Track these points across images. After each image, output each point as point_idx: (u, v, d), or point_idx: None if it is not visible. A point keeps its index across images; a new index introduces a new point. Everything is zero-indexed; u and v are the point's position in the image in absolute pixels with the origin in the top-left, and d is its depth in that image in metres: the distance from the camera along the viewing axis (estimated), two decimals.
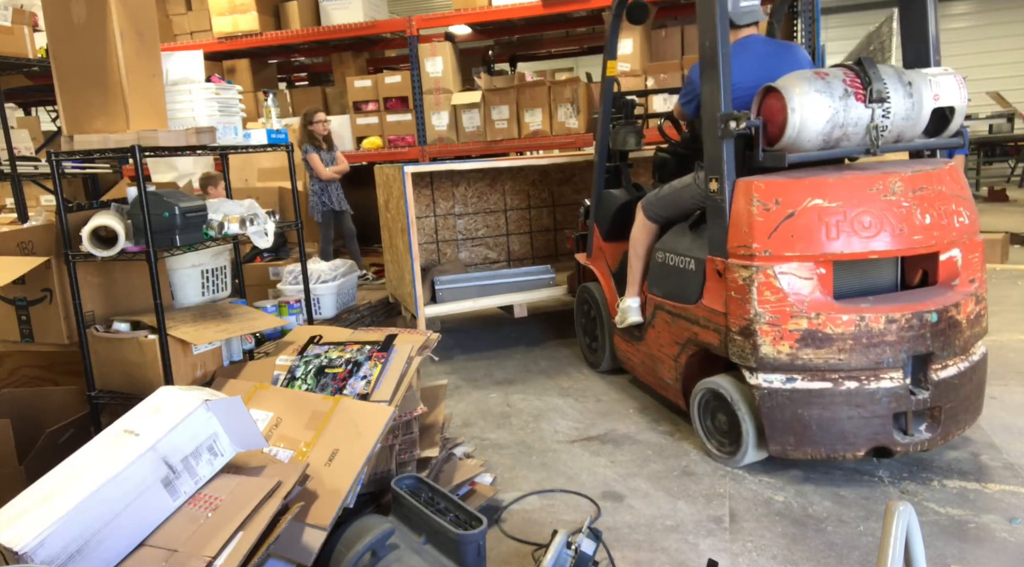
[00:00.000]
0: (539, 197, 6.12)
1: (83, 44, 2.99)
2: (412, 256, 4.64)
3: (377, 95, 7.20)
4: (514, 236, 6.12)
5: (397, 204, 4.81)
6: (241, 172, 6.93)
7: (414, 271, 4.68)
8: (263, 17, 7.35)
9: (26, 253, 3.16)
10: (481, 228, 6.03)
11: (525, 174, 5.99)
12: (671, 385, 3.57)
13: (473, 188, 5.93)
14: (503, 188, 6.01)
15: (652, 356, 3.71)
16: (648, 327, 3.73)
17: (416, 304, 4.67)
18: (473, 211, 5.98)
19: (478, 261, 6.00)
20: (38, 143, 7.52)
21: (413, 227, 4.62)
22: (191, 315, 3.19)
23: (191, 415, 2.19)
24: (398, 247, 5.03)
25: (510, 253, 6.13)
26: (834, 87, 2.89)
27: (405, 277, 4.86)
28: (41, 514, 1.93)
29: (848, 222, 2.83)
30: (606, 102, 4.26)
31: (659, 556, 2.59)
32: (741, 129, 2.95)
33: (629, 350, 4.00)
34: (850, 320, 2.81)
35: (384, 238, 5.64)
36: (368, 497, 2.71)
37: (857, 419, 2.84)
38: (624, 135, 4.27)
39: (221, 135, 3.32)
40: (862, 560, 2.50)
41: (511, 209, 6.06)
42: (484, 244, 6.04)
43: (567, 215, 6.20)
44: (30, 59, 4.51)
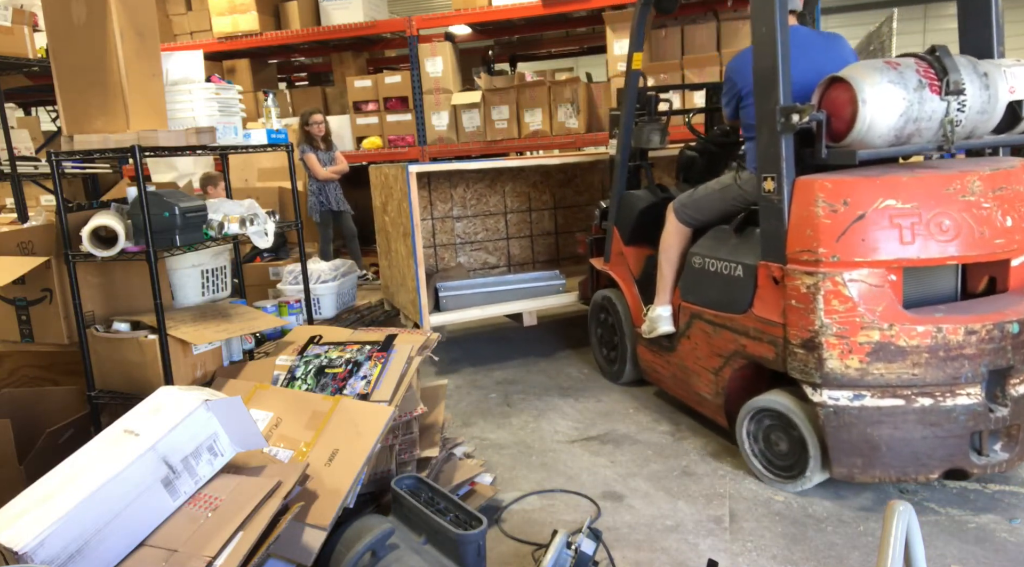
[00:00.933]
0: (540, 199, 5.91)
1: (83, 44, 2.99)
2: (416, 262, 4.43)
3: (377, 95, 7.20)
4: (514, 240, 5.88)
5: (399, 206, 4.60)
6: (241, 172, 6.94)
7: (419, 278, 4.45)
8: (263, 17, 7.35)
9: (26, 253, 3.16)
10: (480, 231, 5.79)
11: (526, 175, 5.80)
12: (710, 400, 3.35)
13: (472, 189, 5.70)
14: (503, 189, 5.79)
15: (686, 369, 3.48)
16: (682, 338, 3.50)
17: (420, 313, 4.44)
18: (472, 213, 5.73)
19: (477, 266, 5.76)
20: (38, 143, 7.52)
21: (418, 230, 4.41)
22: (191, 315, 3.19)
23: (191, 415, 2.19)
24: (399, 252, 4.81)
25: (510, 257, 5.89)
26: (908, 78, 2.67)
27: (407, 283, 4.66)
28: (41, 514, 1.93)
29: (924, 225, 2.62)
30: (630, 97, 3.98)
31: (659, 556, 2.59)
32: (804, 123, 2.71)
33: (657, 362, 3.77)
34: (926, 332, 2.60)
35: (380, 242, 5.43)
36: (368, 497, 2.71)
37: (932, 439, 2.63)
38: (648, 133, 4.00)
39: (221, 135, 3.32)
40: (862, 560, 2.50)
41: (511, 212, 5.84)
42: (483, 248, 5.80)
43: (568, 218, 6.01)
44: (30, 59, 4.51)
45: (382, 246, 5.37)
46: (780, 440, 2.98)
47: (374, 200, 5.38)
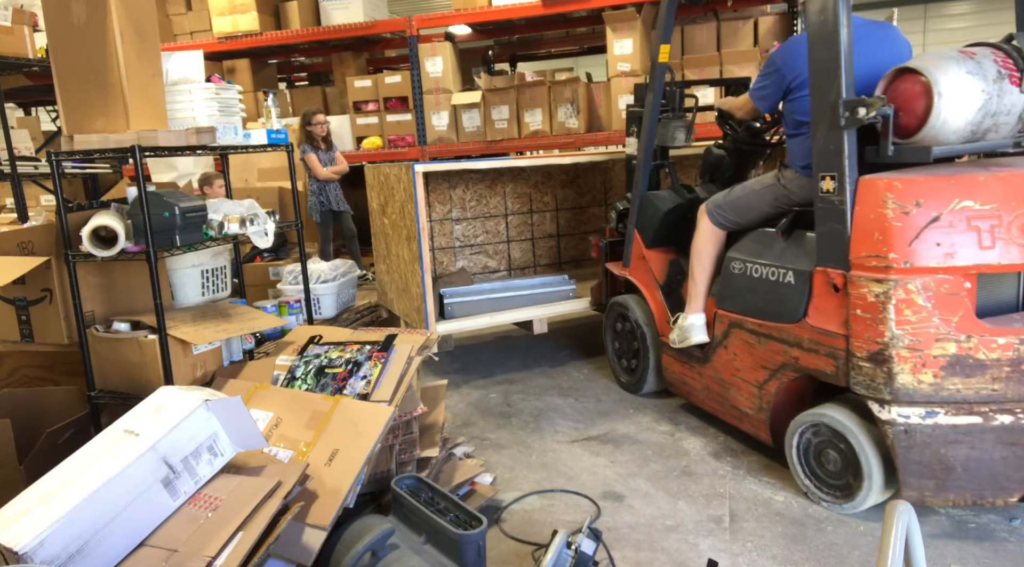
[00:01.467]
0: (541, 201, 5.71)
1: (83, 44, 2.99)
2: (423, 267, 4.18)
3: (377, 95, 7.20)
4: (515, 243, 5.67)
5: (401, 208, 4.39)
6: (241, 172, 6.93)
7: (425, 284, 4.20)
8: (263, 17, 7.35)
9: (26, 253, 3.16)
10: (480, 234, 5.57)
11: (527, 176, 5.60)
12: (751, 415, 3.15)
13: (472, 190, 5.48)
14: (503, 191, 5.57)
15: (722, 381, 3.30)
16: (718, 348, 3.30)
17: (427, 321, 4.24)
18: (472, 216, 5.50)
19: (477, 270, 5.55)
20: (38, 143, 7.52)
21: (424, 234, 4.14)
22: (191, 315, 3.19)
23: (191, 415, 2.19)
24: (400, 256, 4.59)
25: (511, 261, 5.67)
26: (986, 69, 2.50)
27: (411, 290, 4.43)
28: (41, 514, 1.93)
29: (1006, 228, 2.44)
30: (656, 92, 3.77)
31: (659, 556, 2.59)
32: (870, 118, 2.52)
33: (686, 374, 3.58)
34: (1008, 344, 2.42)
35: (377, 246, 5.19)
36: (368, 497, 2.71)
37: (1012, 459, 2.46)
38: (673, 130, 3.81)
39: (221, 135, 3.32)
40: (862, 560, 2.50)
41: (512, 213, 5.62)
42: (483, 252, 5.58)
43: (571, 220, 5.85)
44: (30, 59, 4.50)
45: (379, 250, 5.19)
46: (833, 458, 2.80)
47: (371, 202, 5.21)
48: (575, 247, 5.79)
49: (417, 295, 4.27)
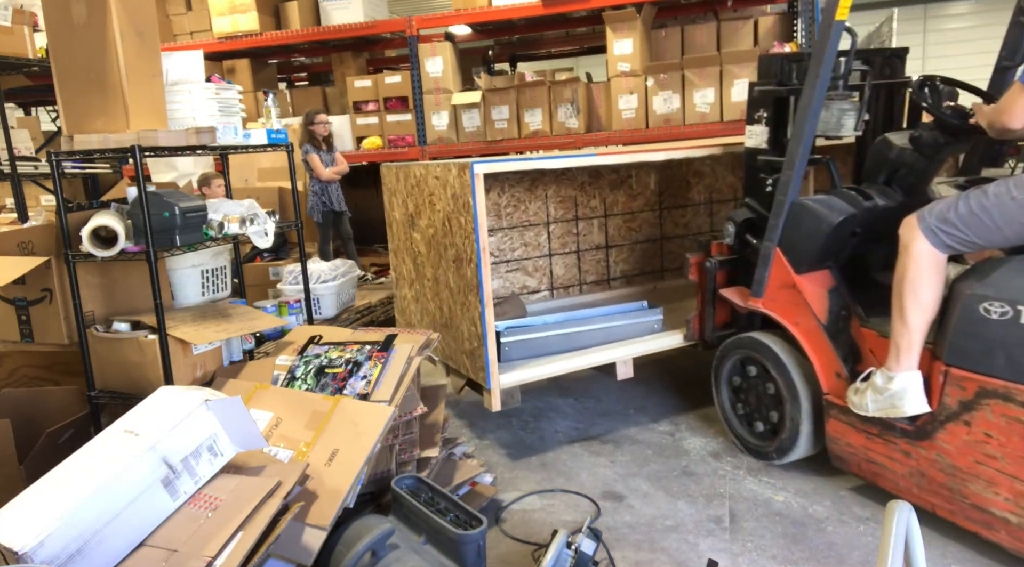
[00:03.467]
0: (588, 205, 4.78)
1: (83, 44, 2.99)
2: (483, 300, 3.19)
3: (377, 95, 7.20)
4: (558, 257, 4.73)
5: (447, 221, 3.46)
6: (241, 172, 6.94)
7: (485, 323, 3.22)
8: (263, 17, 7.36)
9: (26, 253, 3.16)
10: (518, 247, 4.60)
11: (572, 176, 4.70)
12: (1017, 525, 2.37)
13: (509, 194, 4.52)
14: (545, 193, 4.62)
15: (956, 470, 2.50)
16: (950, 423, 2.50)
17: (488, 371, 3.28)
18: (508, 225, 4.54)
19: (515, 291, 4.67)
20: (38, 143, 7.52)
21: (485, 254, 3.20)
22: (191, 315, 3.19)
23: (191, 415, 2.19)
24: (442, 282, 3.64)
25: (553, 279, 4.74)
26: None
27: (461, 329, 3.50)
28: (41, 514, 1.93)
29: None
30: (827, 61, 2.86)
31: (659, 556, 2.59)
32: None
33: (877, 450, 2.76)
34: None
35: (399, 265, 4.26)
36: (368, 497, 2.72)
37: None
38: (839, 115, 2.98)
39: (221, 135, 3.32)
40: (862, 560, 2.50)
41: (555, 221, 4.69)
42: (522, 268, 4.62)
43: (620, 228, 4.94)
44: (30, 59, 4.51)
45: (402, 271, 4.23)
46: None
47: (389, 209, 4.26)
48: (625, 260, 4.98)
49: (472, 335, 3.38)
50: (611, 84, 6.48)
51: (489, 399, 3.32)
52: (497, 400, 3.31)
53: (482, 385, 3.37)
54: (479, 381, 3.39)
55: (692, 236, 5.12)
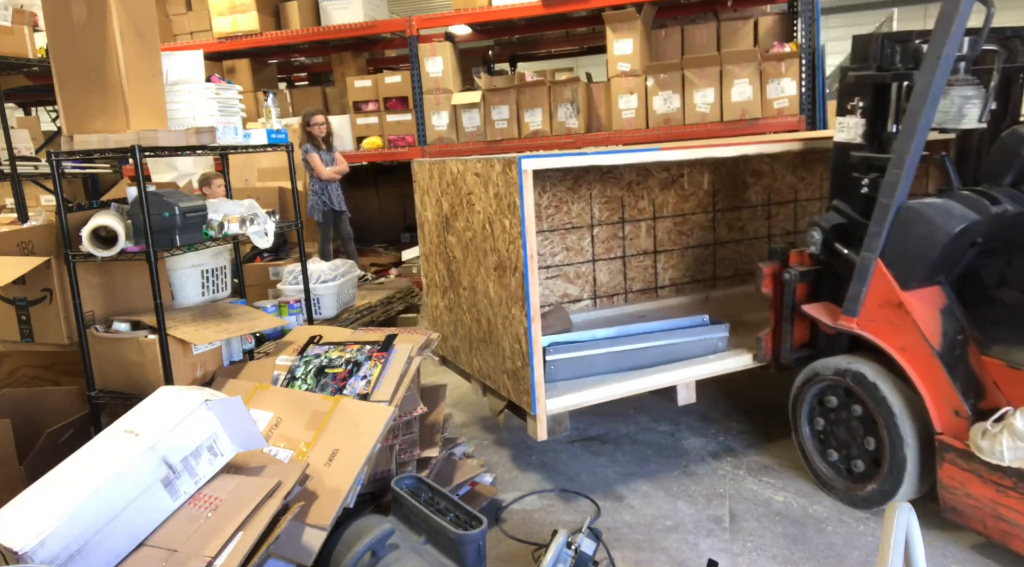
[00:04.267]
0: (636, 207, 4.39)
1: (83, 44, 2.99)
2: (530, 314, 2.85)
3: (377, 95, 7.21)
4: (602, 263, 4.36)
5: (488, 222, 3.11)
6: (241, 172, 6.94)
7: (532, 340, 2.87)
8: (263, 17, 7.36)
9: (26, 253, 3.16)
10: (559, 251, 4.23)
11: (618, 174, 4.31)
12: None
13: (550, 194, 4.14)
14: (589, 193, 4.25)
15: None
16: None
17: (533, 394, 2.91)
18: (548, 227, 4.17)
19: (554, 300, 4.28)
20: (38, 143, 7.53)
21: (533, 262, 2.85)
22: (191, 315, 3.19)
23: (191, 415, 2.19)
24: (481, 291, 3.28)
25: (596, 287, 4.37)
26: None
27: (502, 345, 3.12)
28: (41, 514, 1.93)
29: None
30: (953, 40, 2.42)
31: (659, 556, 2.59)
32: None
33: (1012, 507, 2.35)
34: None
35: (430, 271, 3.91)
36: (368, 497, 2.72)
37: None
38: (960, 103, 2.58)
39: (221, 135, 3.32)
40: (862, 560, 2.50)
41: (600, 224, 4.31)
42: (563, 275, 4.26)
43: (669, 231, 4.52)
44: (30, 59, 4.51)
45: (434, 278, 3.88)
46: None
47: (420, 209, 3.93)
48: (675, 266, 4.58)
49: (515, 354, 3.01)
50: (611, 84, 6.49)
51: (534, 426, 2.94)
52: (543, 428, 2.93)
53: (526, 410, 2.99)
54: (522, 405, 3.01)
55: (748, 241, 4.72)
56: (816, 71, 6.12)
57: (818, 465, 2.98)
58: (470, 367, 3.54)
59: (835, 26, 15.50)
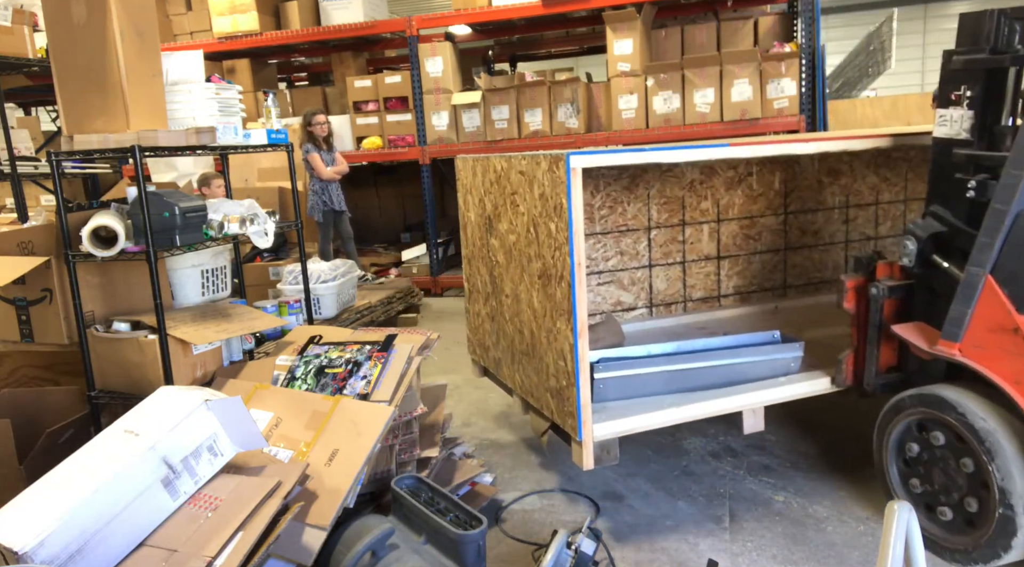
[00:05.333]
0: (698, 208, 4.07)
1: (83, 44, 2.99)
2: (576, 328, 2.57)
3: (377, 95, 7.21)
4: (659, 268, 4.05)
5: (532, 225, 2.85)
6: (241, 172, 6.95)
7: (578, 357, 2.58)
8: (263, 17, 7.36)
9: (26, 253, 3.16)
10: (612, 256, 3.94)
11: (679, 173, 4.00)
12: None
13: (604, 194, 3.86)
14: (647, 194, 3.94)
15: None
16: None
17: (579, 417, 2.62)
18: (602, 230, 3.89)
19: (607, 307, 3.98)
20: (38, 143, 7.53)
21: (581, 271, 2.56)
22: (191, 315, 3.19)
23: (191, 415, 2.19)
24: (525, 301, 3.02)
25: (652, 295, 4.07)
26: None
27: (545, 361, 2.86)
28: (41, 514, 1.93)
29: None
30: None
31: (659, 556, 2.59)
32: None
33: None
34: None
35: (473, 275, 3.66)
36: (368, 497, 2.72)
37: None
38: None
39: (221, 135, 3.32)
40: (862, 560, 2.50)
41: (657, 226, 4.01)
42: (616, 281, 3.97)
43: (735, 235, 4.17)
44: (30, 59, 4.51)
45: (476, 283, 3.63)
46: None
47: (464, 209, 3.68)
48: (740, 273, 4.23)
49: (560, 372, 2.73)
50: (611, 84, 6.49)
51: (579, 453, 2.65)
52: (590, 456, 2.64)
53: (571, 435, 2.71)
54: (566, 429, 2.74)
55: (823, 246, 4.34)
56: (816, 71, 6.12)
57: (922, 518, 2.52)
58: (512, 382, 3.31)
59: (835, 26, 15.51)
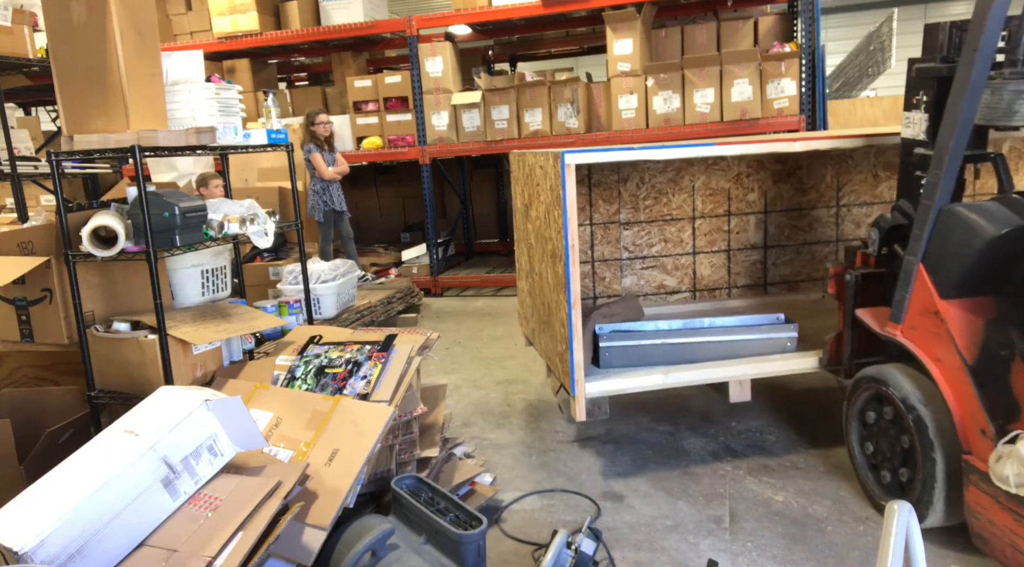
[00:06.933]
0: (744, 200, 4.27)
1: (83, 44, 2.99)
2: (570, 299, 2.97)
3: (377, 95, 7.21)
4: (703, 256, 4.30)
5: (547, 212, 3.22)
6: (241, 172, 6.95)
7: (572, 325, 2.98)
8: (263, 17, 7.36)
9: (26, 253, 3.16)
10: (656, 243, 4.24)
11: (727, 166, 4.21)
12: None
13: (649, 185, 4.14)
14: (691, 186, 4.19)
15: None
16: None
17: (572, 375, 3.02)
18: (646, 218, 4.20)
19: (649, 290, 4.28)
20: (38, 143, 7.53)
21: (574, 252, 2.94)
22: (191, 315, 3.19)
23: (191, 415, 2.19)
24: (543, 276, 3.42)
25: (696, 280, 4.32)
26: None
27: (553, 326, 3.26)
28: (41, 514, 1.93)
29: None
30: (989, 31, 2.31)
31: (659, 556, 2.59)
32: None
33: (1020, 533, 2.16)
34: None
35: (519, 256, 4.03)
36: (368, 497, 2.72)
37: None
38: (1011, 99, 2.38)
39: (221, 135, 3.32)
40: (862, 560, 2.50)
41: (701, 216, 4.25)
42: (659, 266, 4.27)
43: (784, 226, 4.34)
44: (30, 59, 4.51)
45: (522, 262, 4.00)
46: None
47: (514, 199, 4.05)
48: (788, 263, 4.39)
49: (562, 337, 3.11)
50: (611, 84, 6.49)
51: (574, 406, 3.06)
52: (582, 409, 3.05)
53: (567, 391, 3.11)
54: (565, 386, 3.14)
55: None
56: (816, 71, 6.12)
57: (861, 473, 2.86)
58: (540, 348, 3.68)
59: (835, 26, 15.51)
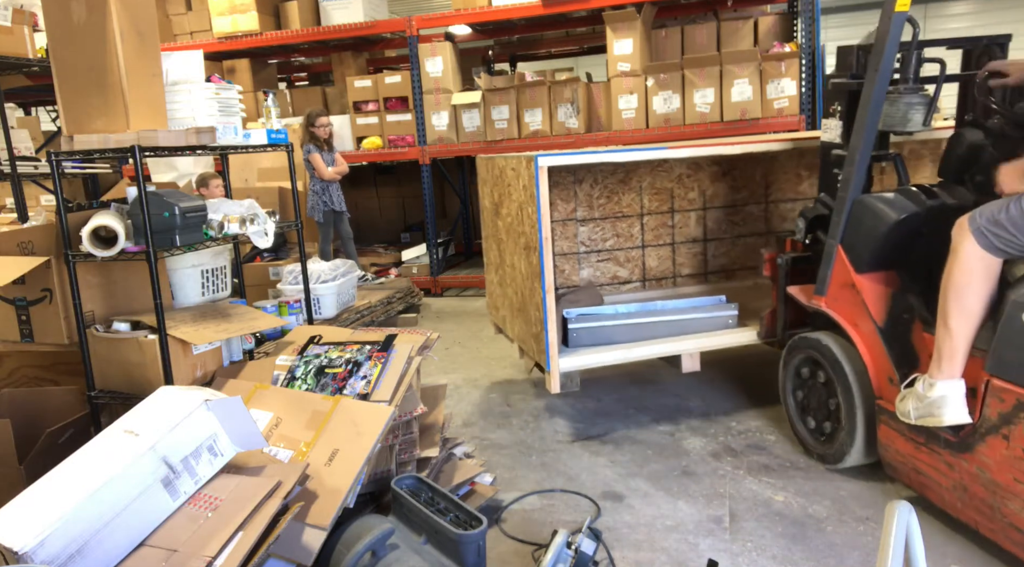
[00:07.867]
0: (685, 198, 4.75)
1: (83, 44, 2.99)
2: (544, 286, 3.39)
3: (377, 95, 7.21)
4: (652, 249, 4.77)
5: (519, 210, 3.65)
6: (241, 172, 6.95)
7: (546, 309, 3.41)
8: (263, 17, 7.36)
9: (26, 253, 3.16)
10: (610, 238, 4.69)
11: (669, 167, 4.68)
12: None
13: (602, 185, 4.59)
14: (639, 185, 4.64)
15: (996, 487, 2.35)
16: (990, 436, 2.35)
17: (547, 354, 3.47)
18: (600, 216, 4.64)
19: (604, 280, 4.74)
20: (38, 143, 7.53)
21: (548, 244, 3.37)
22: (191, 315, 3.19)
23: (191, 415, 2.19)
24: (515, 268, 3.86)
25: (645, 271, 4.79)
26: None
27: (528, 312, 3.72)
28: (41, 514, 1.93)
29: None
30: (888, 54, 2.78)
31: (659, 556, 2.59)
32: None
33: (923, 460, 2.65)
34: None
35: (488, 251, 4.49)
36: (368, 497, 2.72)
37: None
38: (906, 109, 2.90)
39: (221, 135, 3.32)
40: (862, 560, 2.50)
41: (649, 213, 4.71)
42: (612, 259, 4.73)
43: (721, 221, 4.85)
44: (30, 59, 4.51)
45: (491, 257, 4.45)
46: None
47: (482, 199, 4.48)
48: (725, 254, 4.90)
49: (537, 320, 3.55)
50: (611, 84, 6.49)
51: (549, 380, 3.52)
52: (556, 382, 3.51)
53: (543, 368, 3.57)
54: (542, 363, 3.57)
55: None
56: (816, 71, 6.12)
57: (798, 428, 3.35)
58: (512, 333, 4.14)
59: (835, 26, 15.50)
